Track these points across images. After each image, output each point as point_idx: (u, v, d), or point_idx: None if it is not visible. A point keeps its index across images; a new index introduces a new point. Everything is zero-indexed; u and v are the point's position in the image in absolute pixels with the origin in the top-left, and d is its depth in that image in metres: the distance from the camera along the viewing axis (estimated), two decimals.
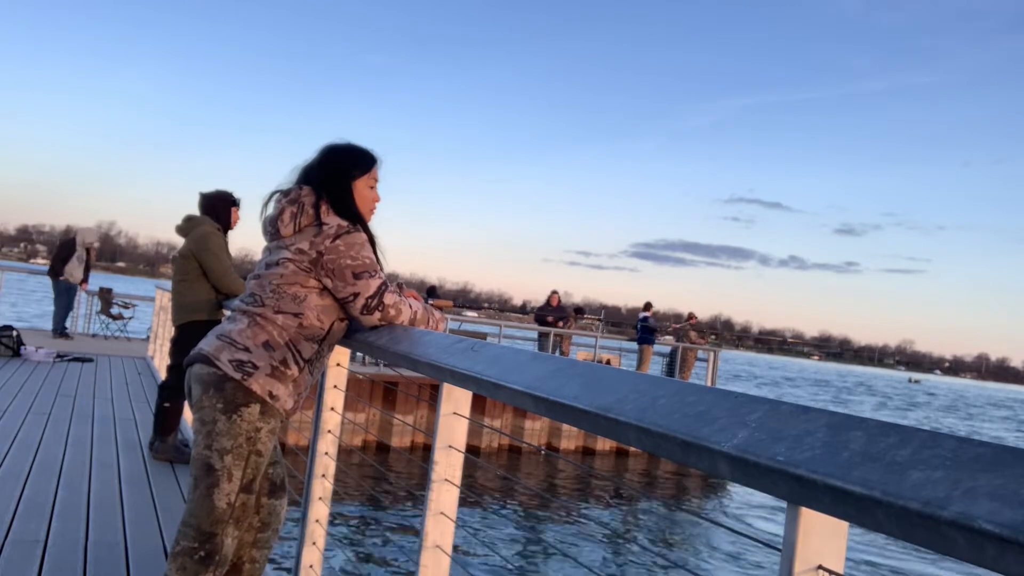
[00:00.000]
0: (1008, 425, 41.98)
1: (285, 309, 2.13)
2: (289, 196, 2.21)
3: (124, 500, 3.92)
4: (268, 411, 2.11)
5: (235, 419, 2.07)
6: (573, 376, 1.30)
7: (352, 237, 2.13)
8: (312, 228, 2.14)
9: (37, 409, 5.98)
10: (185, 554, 2.10)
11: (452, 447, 1.86)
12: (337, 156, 2.27)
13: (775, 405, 0.95)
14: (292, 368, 2.14)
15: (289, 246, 2.15)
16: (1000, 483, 0.66)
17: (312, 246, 2.12)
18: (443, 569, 1.81)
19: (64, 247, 12.00)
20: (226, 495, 2.09)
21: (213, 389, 2.08)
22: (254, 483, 2.16)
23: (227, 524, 2.11)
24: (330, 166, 2.24)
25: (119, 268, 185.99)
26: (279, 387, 2.11)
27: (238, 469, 2.09)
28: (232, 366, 2.08)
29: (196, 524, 2.10)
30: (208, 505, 2.09)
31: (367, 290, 2.11)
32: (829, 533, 0.92)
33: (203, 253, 4.74)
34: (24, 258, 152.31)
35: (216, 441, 2.07)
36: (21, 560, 2.94)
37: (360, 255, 2.13)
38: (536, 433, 12.92)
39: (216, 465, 2.08)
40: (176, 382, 4.87)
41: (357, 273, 2.11)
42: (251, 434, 2.09)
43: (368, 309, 2.11)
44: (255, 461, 2.12)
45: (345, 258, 2.11)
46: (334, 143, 2.30)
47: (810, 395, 45.00)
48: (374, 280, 2.12)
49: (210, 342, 2.16)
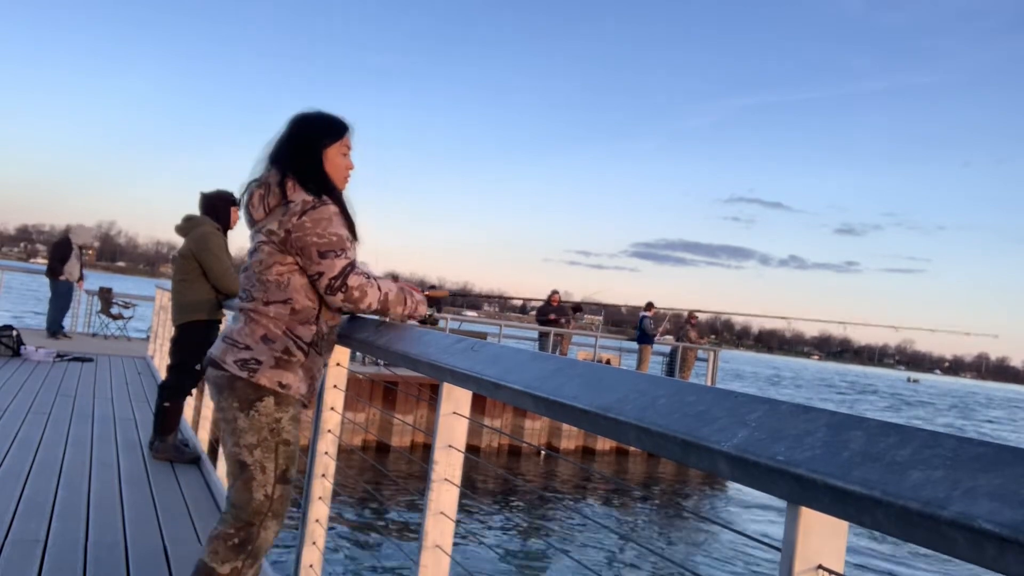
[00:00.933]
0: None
1: (274, 299, 2.15)
2: (258, 179, 2.22)
3: (124, 500, 3.92)
4: (283, 400, 2.15)
5: (253, 415, 2.12)
6: (573, 376, 1.30)
7: (318, 212, 2.11)
8: (280, 208, 2.14)
9: (37, 409, 5.98)
10: (220, 538, 2.14)
11: (452, 447, 1.86)
12: (306, 126, 2.24)
13: (775, 405, 0.95)
14: (296, 354, 2.16)
15: (262, 229, 2.17)
16: (1000, 483, 0.66)
17: (280, 225, 2.12)
18: (443, 569, 1.81)
19: (60, 246, 11.96)
20: (262, 487, 2.14)
21: (227, 391, 2.14)
22: (289, 472, 2.19)
23: (265, 516, 2.15)
24: (300, 137, 2.22)
25: (119, 268, 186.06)
26: (287, 375, 2.15)
27: (269, 461, 2.14)
28: (237, 366, 2.13)
29: (235, 512, 2.15)
30: (247, 496, 2.14)
31: (331, 270, 2.10)
32: (829, 533, 0.92)
33: (203, 253, 4.74)
34: (24, 258, 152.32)
35: (242, 438, 2.13)
36: (21, 560, 2.94)
37: (327, 232, 2.10)
38: (536, 433, 12.92)
39: (247, 460, 2.13)
40: (176, 382, 4.87)
41: (322, 252, 2.10)
42: (272, 425, 2.14)
43: (331, 290, 2.10)
44: (284, 451, 2.16)
45: (311, 235, 2.10)
46: (304, 112, 2.28)
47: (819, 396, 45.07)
48: (339, 260, 2.10)
49: (217, 346, 2.22)
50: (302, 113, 2.28)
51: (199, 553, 2.22)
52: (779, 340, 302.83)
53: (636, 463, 13.92)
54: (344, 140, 2.25)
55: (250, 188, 2.23)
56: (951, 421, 36.99)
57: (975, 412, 48.78)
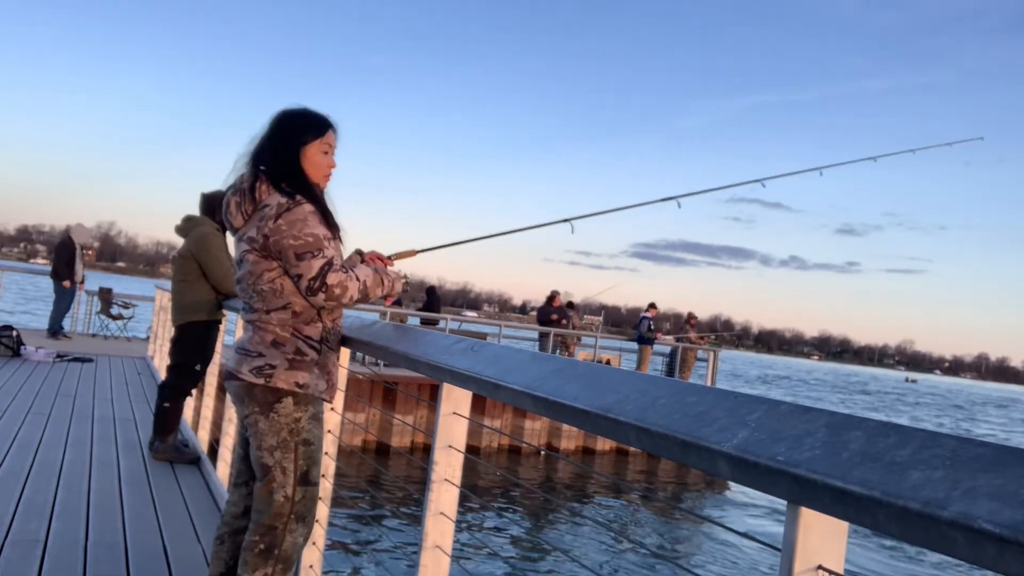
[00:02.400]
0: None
1: (274, 307, 2.16)
2: (233, 186, 2.22)
3: (124, 500, 3.92)
4: (301, 399, 2.16)
5: (272, 416, 2.14)
6: (573, 376, 1.30)
7: (293, 214, 2.10)
8: (257, 213, 2.14)
9: (37, 409, 5.97)
10: (247, 548, 2.15)
11: (452, 447, 1.86)
12: (287, 123, 2.23)
13: (775, 405, 0.95)
14: (309, 353, 2.17)
15: (243, 237, 2.18)
16: (1000, 483, 0.66)
17: (259, 231, 2.13)
18: (443, 569, 1.81)
19: (65, 249, 11.92)
20: (282, 488, 2.14)
21: (247, 398, 2.16)
22: (311, 474, 2.18)
23: (288, 519, 2.14)
24: (279, 134, 2.21)
25: (119, 268, 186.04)
26: (302, 375, 2.16)
27: (289, 462, 2.14)
28: (253, 374, 2.15)
29: (258, 519, 2.16)
30: (267, 500, 2.14)
31: (309, 271, 2.09)
32: (829, 533, 0.92)
33: (203, 254, 4.74)
34: (24, 258, 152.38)
35: (263, 441, 2.14)
36: (21, 560, 2.94)
37: (302, 233, 2.09)
38: (536, 433, 12.91)
39: (269, 462, 2.14)
40: (176, 382, 4.87)
41: (299, 254, 2.09)
42: (292, 426, 2.14)
43: (312, 291, 2.10)
44: (305, 451, 2.16)
45: (287, 238, 2.09)
46: (287, 109, 2.27)
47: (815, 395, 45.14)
48: (316, 260, 2.09)
49: (232, 357, 2.24)
50: (285, 109, 2.26)
51: (199, 553, 2.23)
52: (779, 340, 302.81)
53: (636, 463, 13.91)
54: (325, 138, 2.23)
55: (227, 196, 2.23)
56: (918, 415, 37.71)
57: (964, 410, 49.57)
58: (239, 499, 2.33)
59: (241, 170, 2.24)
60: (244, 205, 2.17)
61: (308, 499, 2.18)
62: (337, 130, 2.28)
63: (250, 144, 2.25)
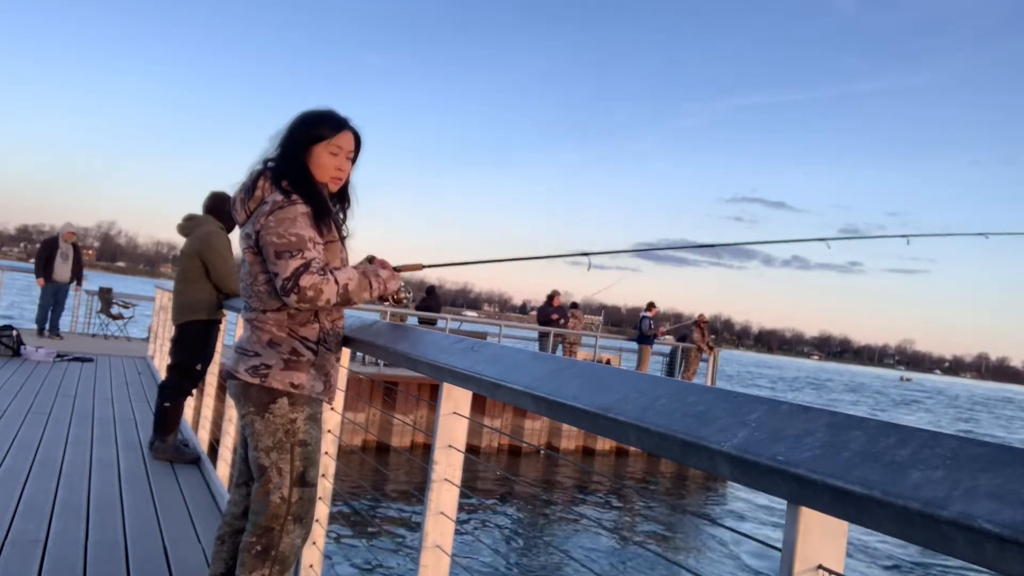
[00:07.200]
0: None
1: (271, 307, 2.16)
2: (243, 182, 2.23)
3: (124, 500, 3.92)
4: (297, 400, 2.15)
5: (268, 417, 2.13)
6: (573, 376, 1.29)
7: (284, 212, 2.08)
8: (257, 210, 2.15)
9: (37, 409, 5.97)
10: (244, 549, 2.14)
11: (452, 447, 1.86)
12: (300, 122, 2.22)
13: (775, 405, 0.95)
14: (305, 353, 2.17)
15: (243, 234, 2.19)
16: (1000, 483, 0.66)
17: (253, 228, 2.13)
18: (443, 569, 1.81)
19: (45, 246, 11.67)
20: (279, 489, 2.13)
21: (244, 398, 2.16)
22: (308, 475, 2.17)
23: (285, 520, 2.13)
24: (290, 133, 2.21)
25: (119, 268, 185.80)
26: (298, 375, 2.15)
27: (285, 463, 2.13)
28: (249, 373, 2.14)
29: (255, 520, 2.15)
30: (264, 501, 2.13)
31: (284, 271, 2.05)
32: (829, 533, 0.92)
33: (208, 252, 4.74)
34: (24, 258, 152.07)
35: (260, 441, 2.14)
36: (21, 560, 2.94)
37: (287, 232, 2.06)
38: (536, 433, 12.91)
39: (265, 463, 2.13)
40: (176, 382, 4.87)
41: (279, 252, 2.06)
42: (287, 426, 2.13)
43: (284, 291, 2.05)
44: (301, 452, 2.15)
45: (272, 235, 2.07)
46: (309, 109, 2.26)
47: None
48: (293, 261, 2.04)
49: (231, 356, 2.25)
50: (307, 110, 2.26)
51: (199, 553, 2.22)
52: (779, 340, 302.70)
53: (636, 463, 13.91)
54: (336, 140, 2.20)
55: (235, 192, 2.24)
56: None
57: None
58: (240, 499, 2.32)
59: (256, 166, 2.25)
60: (248, 202, 2.17)
61: (305, 500, 2.17)
62: (358, 135, 2.26)
63: (271, 140, 2.25)
